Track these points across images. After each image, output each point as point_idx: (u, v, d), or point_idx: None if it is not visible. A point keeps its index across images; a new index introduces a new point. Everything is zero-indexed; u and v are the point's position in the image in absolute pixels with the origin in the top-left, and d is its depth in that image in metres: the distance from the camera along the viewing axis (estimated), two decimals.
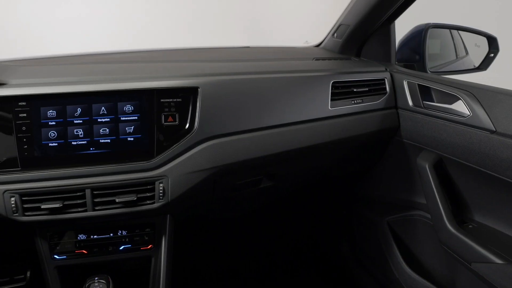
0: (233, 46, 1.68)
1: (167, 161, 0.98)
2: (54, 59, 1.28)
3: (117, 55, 1.38)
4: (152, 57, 1.31)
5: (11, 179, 0.94)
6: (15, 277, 1.45)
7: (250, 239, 1.83)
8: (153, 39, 3.38)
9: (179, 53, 1.44)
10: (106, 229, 1.02)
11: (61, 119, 0.96)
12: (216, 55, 1.43)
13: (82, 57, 1.32)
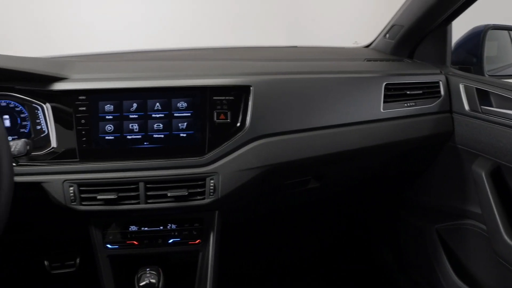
0: (280, 46, 1.68)
1: (218, 158, 0.99)
2: (109, 56, 1.33)
3: (168, 53, 1.42)
4: (202, 55, 1.34)
5: (70, 170, 0.98)
6: (66, 263, 1.52)
7: (290, 238, 1.82)
8: (195, 38, 3.43)
9: (228, 51, 1.46)
10: (156, 222, 1.05)
11: (117, 113, 1.00)
12: (264, 54, 1.43)
13: (135, 54, 1.36)
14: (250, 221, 1.52)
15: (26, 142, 0.92)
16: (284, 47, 1.64)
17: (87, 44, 3.15)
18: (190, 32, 3.40)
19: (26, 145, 0.91)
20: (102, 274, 1.04)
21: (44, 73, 0.98)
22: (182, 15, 3.45)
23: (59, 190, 0.97)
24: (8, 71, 0.95)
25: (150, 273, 0.94)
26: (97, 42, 3.17)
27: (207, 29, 3.45)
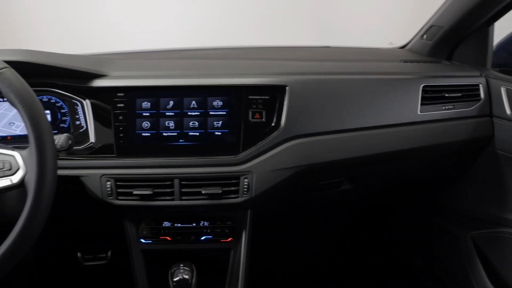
0: (313, 45, 1.67)
1: (252, 157, 0.99)
2: (145, 54, 1.35)
3: (202, 51, 1.43)
4: (236, 54, 1.34)
5: (107, 165, 1.01)
6: (98, 255, 1.56)
7: (320, 239, 1.81)
8: (221, 37, 3.44)
9: (261, 51, 1.46)
10: (189, 218, 1.06)
11: (154, 110, 1.01)
12: (298, 54, 1.43)
13: (170, 52, 1.38)
14: (281, 219, 1.52)
15: (68, 136, 0.94)
16: (316, 47, 1.62)
17: (117, 43, 3.21)
18: (217, 31, 3.42)
19: (68, 140, 0.93)
20: (135, 268, 1.06)
21: (84, 70, 1.00)
22: (210, 14, 3.46)
23: (97, 184, 0.99)
24: (51, 68, 0.98)
25: (183, 269, 0.95)
26: (127, 41, 3.23)
27: (235, 28, 3.45)
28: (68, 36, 3.21)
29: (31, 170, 0.73)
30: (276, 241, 1.68)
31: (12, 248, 0.72)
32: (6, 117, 1.10)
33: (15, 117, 1.10)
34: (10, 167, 0.74)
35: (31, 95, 0.74)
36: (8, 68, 0.75)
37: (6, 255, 0.72)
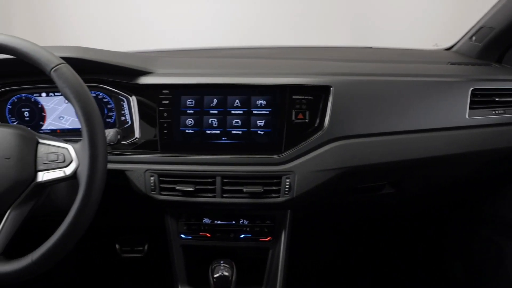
0: (354, 46, 1.65)
1: (295, 157, 0.99)
2: (188, 52, 1.37)
3: (244, 50, 1.43)
4: (278, 53, 1.34)
5: (151, 160, 1.03)
6: (135, 248, 1.59)
7: (356, 243, 1.78)
8: (255, 37, 3.43)
9: (303, 50, 1.45)
10: (229, 216, 1.07)
11: (198, 108, 1.02)
12: (340, 54, 1.41)
13: (212, 50, 1.39)
14: (318, 220, 1.50)
15: (117, 131, 0.97)
16: (358, 47, 1.60)
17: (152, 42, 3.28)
18: (253, 30, 3.42)
19: (117, 135, 0.96)
20: (175, 262, 1.08)
21: (132, 67, 1.03)
22: (245, 14, 3.47)
23: (141, 179, 1.01)
24: (101, 64, 1.00)
25: (223, 265, 0.96)
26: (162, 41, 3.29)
27: (269, 28, 3.44)
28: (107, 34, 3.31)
29: (83, 163, 0.75)
30: (314, 242, 1.67)
31: (63, 238, 0.74)
32: (56, 111, 1.14)
33: (64, 111, 1.14)
34: (64, 159, 0.77)
35: (85, 91, 0.77)
36: (64, 64, 0.77)
37: (57, 244, 0.75)
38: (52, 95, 1.13)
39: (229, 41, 3.34)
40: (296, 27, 3.39)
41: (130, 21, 3.36)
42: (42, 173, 0.78)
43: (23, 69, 1.05)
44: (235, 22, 3.41)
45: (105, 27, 3.31)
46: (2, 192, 0.75)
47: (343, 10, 3.41)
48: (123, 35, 3.29)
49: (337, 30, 3.43)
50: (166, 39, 3.31)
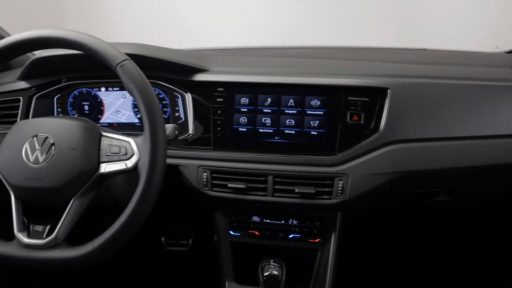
0: (408, 48, 1.60)
1: (349, 159, 0.97)
2: (242, 50, 1.38)
3: (296, 50, 1.43)
4: (331, 53, 1.32)
5: (204, 156, 1.04)
6: (180, 242, 1.63)
7: (406, 248, 1.73)
8: (299, 37, 3.41)
9: (356, 51, 1.42)
10: (278, 215, 1.06)
11: (252, 106, 1.03)
12: (395, 56, 1.37)
13: (267, 49, 1.39)
14: (368, 222, 1.47)
15: (175, 127, 0.99)
16: (412, 49, 1.56)
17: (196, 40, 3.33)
18: (296, 30, 3.40)
19: (175, 130, 0.98)
20: (223, 258, 1.09)
21: (189, 64, 1.05)
22: (288, 14, 3.45)
23: (194, 175, 1.03)
24: (159, 61, 1.03)
25: (273, 264, 0.96)
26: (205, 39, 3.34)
27: (312, 28, 3.41)
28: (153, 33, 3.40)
29: (144, 156, 0.77)
30: (363, 245, 1.64)
31: (123, 228, 0.77)
32: (114, 106, 1.18)
33: (121, 106, 1.18)
34: (126, 152, 0.80)
35: (148, 87, 0.79)
36: (129, 60, 0.80)
37: (117, 233, 0.77)
38: (110, 89, 1.17)
39: (272, 40, 3.36)
40: (339, 27, 3.35)
41: (175, 20, 3.45)
42: (104, 165, 0.81)
43: (85, 65, 1.10)
44: (278, 22, 3.42)
45: (151, 26, 3.41)
46: (68, 181, 0.79)
47: (392, 10, 3.33)
48: (167, 33, 3.38)
49: (383, 31, 3.37)
50: (207, 38, 3.37)
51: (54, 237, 0.79)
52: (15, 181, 0.81)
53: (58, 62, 1.07)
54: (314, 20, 3.38)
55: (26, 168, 0.80)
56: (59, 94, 1.18)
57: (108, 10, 3.51)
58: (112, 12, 3.49)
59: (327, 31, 3.39)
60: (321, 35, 3.38)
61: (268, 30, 3.44)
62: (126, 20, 3.46)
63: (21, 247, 0.80)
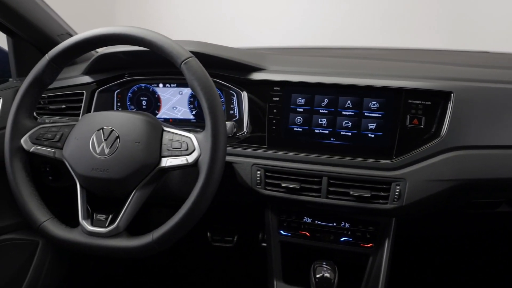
0: (470, 50, 1.54)
1: (407, 164, 0.95)
2: (297, 50, 1.38)
3: (352, 51, 1.41)
4: (390, 55, 1.29)
5: (258, 155, 1.05)
6: (225, 238, 1.65)
7: (463, 259, 1.66)
8: (343, 37, 3.35)
9: (416, 53, 1.38)
10: (330, 217, 1.05)
11: (308, 107, 1.02)
12: (456, 59, 1.32)
13: (321, 50, 1.38)
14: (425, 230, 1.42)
15: (234, 124, 1.00)
16: (473, 51, 1.49)
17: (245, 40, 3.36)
18: (342, 31, 3.35)
19: (234, 128, 1.00)
20: (272, 257, 1.09)
21: (247, 63, 1.06)
22: (335, 14, 3.40)
23: (247, 173, 1.04)
24: (218, 59, 1.04)
25: (326, 267, 0.95)
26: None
27: (359, 29, 3.35)
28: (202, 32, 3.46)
29: (205, 152, 0.79)
30: (417, 252, 1.59)
31: (182, 221, 0.79)
32: (170, 102, 1.21)
33: (177, 102, 1.21)
34: (187, 148, 0.81)
35: (211, 84, 0.80)
36: (193, 57, 0.81)
37: (176, 226, 0.79)
38: (168, 86, 1.20)
39: (318, 40, 3.33)
40: (384, 28, 3.26)
41: (221, 20, 3.49)
42: (166, 159, 0.83)
43: (146, 61, 1.13)
44: (324, 22, 3.38)
45: (196, 27, 3.47)
46: (131, 173, 0.82)
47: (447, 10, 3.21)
48: (216, 33, 3.43)
49: (436, 32, 3.25)
50: (253, 38, 3.39)
51: (116, 227, 0.81)
52: (81, 170, 0.84)
53: (122, 58, 1.11)
54: (361, 21, 3.32)
55: (92, 159, 0.83)
56: (119, 89, 1.22)
57: (155, 11, 3.61)
58: (159, 12, 3.59)
59: (376, 32, 3.32)
60: (369, 36, 3.32)
61: (313, 31, 3.41)
62: (174, 21, 3.55)
63: (85, 234, 0.83)
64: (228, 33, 3.46)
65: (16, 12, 1.11)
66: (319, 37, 3.40)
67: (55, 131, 0.90)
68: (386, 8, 3.29)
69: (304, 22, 3.44)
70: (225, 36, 3.33)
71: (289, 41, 3.32)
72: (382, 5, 3.29)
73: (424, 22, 3.24)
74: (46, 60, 0.88)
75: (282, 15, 3.45)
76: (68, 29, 1.32)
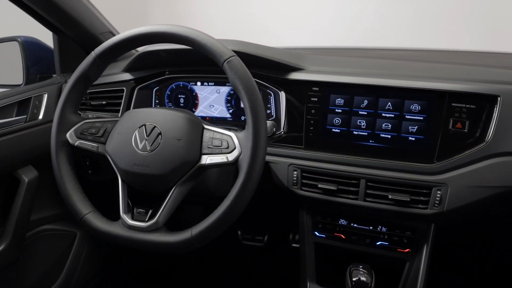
0: (509, 52, 1.48)
1: (449, 168, 0.92)
2: (332, 50, 1.36)
3: (390, 52, 1.38)
4: (430, 56, 1.26)
5: (295, 155, 1.04)
6: (255, 237, 1.65)
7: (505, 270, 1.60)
8: (374, 37, 3.29)
9: (457, 55, 1.34)
10: (366, 221, 1.04)
11: (347, 108, 1.01)
12: (499, 61, 1.28)
13: (358, 50, 1.36)
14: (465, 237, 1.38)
15: (273, 124, 1.00)
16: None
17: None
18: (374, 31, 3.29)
19: (273, 127, 1.00)
20: (306, 258, 1.08)
21: (286, 62, 1.05)
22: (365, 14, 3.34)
23: (284, 173, 1.04)
24: (258, 58, 1.04)
25: (362, 271, 0.93)
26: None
27: (391, 29, 3.28)
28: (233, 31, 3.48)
29: (246, 151, 0.79)
30: (455, 260, 1.54)
31: (221, 219, 0.79)
32: (208, 100, 1.22)
33: (215, 101, 1.22)
34: (227, 146, 0.82)
35: (253, 84, 0.80)
36: (236, 56, 0.82)
37: (215, 224, 0.80)
38: (206, 84, 1.21)
39: (345, 41, 3.29)
40: (415, 29, 3.18)
41: (252, 20, 3.50)
42: (206, 157, 0.83)
43: (186, 59, 1.15)
44: (353, 22, 3.33)
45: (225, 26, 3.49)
46: (172, 170, 0.83)
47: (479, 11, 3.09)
48: (244, 32, 3.44)
49: (466, 33, 3.14)
50: (281, 38, 3.38)
51: (155, 222, 0.83)
52: (123, 165, 0.86)
53: (162, 56, 1.13)
54: (391, 21, 3.25)
55: (135, 154, 0.85)
56: (157, 86, 1.24)
57: (185, 9, 3.66)
58: (190, 11, 3.63)
59: (408, 32, 3.25)
60: (401, 36, 3.25)
61: (342, 31, 3.38)
62: (204, 20, 3.59)
63: (125, 227, 0.85)
64: (256, 32, 3.47)
65: (63, 10, 1.15)
66: (347, 37, 3.36)
67: (98, 126, 0.92)
68: (415, 8, 3.22)
69: (333, 22, 3.41)
70: (254, 34, 3.34)
71: (316, 41, 3.30)
72: (412, 4, 3.22)
73: (456, 22, 3.14)
74: (92, 57, 0.90)
75: (310, 15, 3.43)
76: (110, 27, 1.35)
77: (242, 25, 3.51)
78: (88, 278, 1.47)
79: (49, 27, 1.23)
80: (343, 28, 3.36)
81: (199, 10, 3.65)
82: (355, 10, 3.34)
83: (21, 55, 1.29)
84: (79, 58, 1.30)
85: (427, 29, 3.19)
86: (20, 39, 1.29)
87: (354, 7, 3.34)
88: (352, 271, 0.94)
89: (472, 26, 3.12)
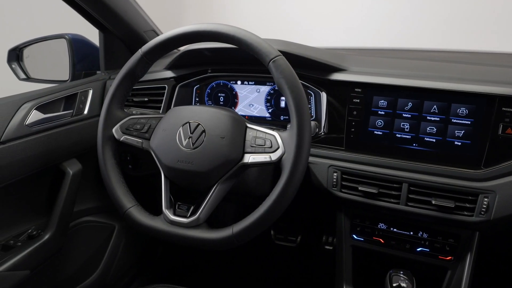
0: None
1: (497, 175, 0.89)
2: (373, 51, 1.34)
3: (435, 53, 1.34)
4: (477, 59, 1.21)
5: (335, 156, 1.03)
6: (288, 237, 1.65)
7: None
8: (406, 38, 3.21)
9: (503, 57, 1.29)
10: (407, 226, 1.02)
11: (390, 110, 0.99)
12: None
13: (400, 51, 1.33)
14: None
15: (316, 124, 1.00)
16: None
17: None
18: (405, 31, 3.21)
19: (316, 128, 0.99)
20: (343, 261, 1.07)
21: (328, 63, 1.04)
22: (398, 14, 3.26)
23: (323, 174, 1.03)
24: (300, 58, 1.04)
25: (403, 277, 0.91)
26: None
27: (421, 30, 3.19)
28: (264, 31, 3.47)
29: (289, 151, 0.79)
30: (499, 269, 1.49)
31: (262, 217, 0.80)
32: (247, 99, 1.23)
33: (254, 100, 1.22)
34: (271, 145, 0.82)
35: (298, 84, 0.80)
36: (281, 56, 0.81)
37: (256, 222, 0.80)
38: (246, 83, 1.22)
39: (380, 41, 3.22)
40: (446, 30, 3.07)
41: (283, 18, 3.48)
42: (248, 155, 0.84)
43: (228, 58, 1.16)
44: (385, 23, 3.26)
45: (257, 25, 3.49)
46: (215, 167, 0.84)
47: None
48: (276, 30, 3.43)
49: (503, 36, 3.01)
50: (313, 37, 3.34)
51: (197, 218, 0.84)
52: (167, 161, 0.88)
53: (205, 55, 1.15)
54: (424, 22, 3.16)
55: (179, 151, 0.86)
56: (198, 84, 1.26)
57: (220, 8, 3.68)
58: (224, 9, 3.66)
59: (438, 34, 3.15)
60: (432, 38, 3.16)
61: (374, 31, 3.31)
62: (236, 18, 3.60)
63: (167, 222, 0.86)
64: (288, 30, 3.45)
65: (112, 10, 1.18)
66: (379, 38, 3.30)
67: (143, 122, 0.94)
68: (450, 9, 3.11)
69: (365, 22, 3.35)
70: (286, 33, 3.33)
71: (347, 41, 3.25)
72: (445, 5, 3.12)
73: (497, 23, 3.02)
74: (140, 55, 0.92)
75: (341, 14, 3.39)
76: (153, 26, 1.38)
77: (273, 22, 3.50)
78: (124, 269, 1.51)
79: (97, 25, 1.27)
80: (375, 28, 3.30)
81: (231, 7, 3.67)
82: (386, 10, 3.27)
83: (68, 52, 1.33)
84: (123, 56, 1.34)
85: (467, 30, 3.09)
86: (67, 37, 1.34)
87: (387, 7, 3.27)
88: (392, 277, 0.92)
89: (503, 28, 3.00)
